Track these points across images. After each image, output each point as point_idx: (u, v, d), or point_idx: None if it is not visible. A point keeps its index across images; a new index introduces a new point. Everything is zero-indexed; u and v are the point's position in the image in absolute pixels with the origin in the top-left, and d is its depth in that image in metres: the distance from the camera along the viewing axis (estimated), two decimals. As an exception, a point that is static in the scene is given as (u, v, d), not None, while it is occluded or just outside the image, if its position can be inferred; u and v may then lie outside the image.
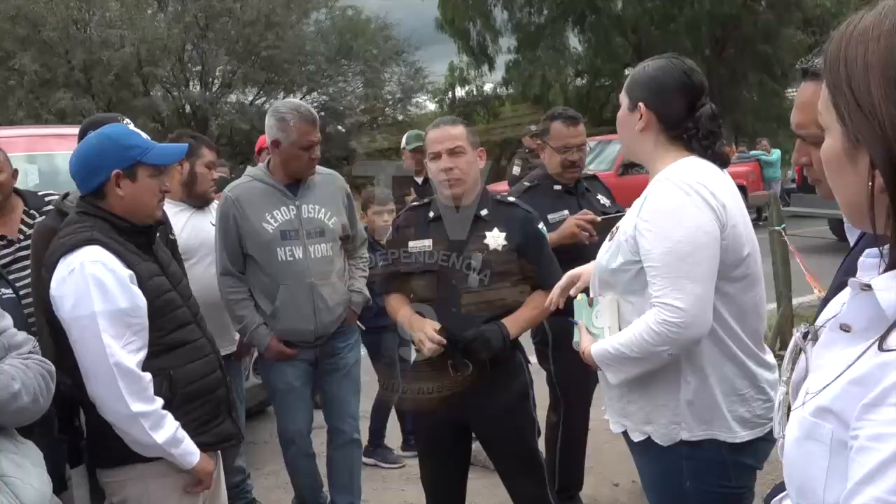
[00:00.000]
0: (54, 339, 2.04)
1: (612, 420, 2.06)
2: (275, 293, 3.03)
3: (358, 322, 3.37)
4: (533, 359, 2.89)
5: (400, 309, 2.72)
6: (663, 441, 1.90)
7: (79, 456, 2.26)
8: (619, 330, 1.93)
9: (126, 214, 2.16)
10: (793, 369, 0.96)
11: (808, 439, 0.82)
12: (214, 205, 3.30)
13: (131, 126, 2.34)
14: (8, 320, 1.80)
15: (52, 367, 1.79)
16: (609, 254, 1.96)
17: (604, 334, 1.96)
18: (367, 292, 3.35)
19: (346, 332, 3.24)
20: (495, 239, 2.61)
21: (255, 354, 3.57)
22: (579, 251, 2.89)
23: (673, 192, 1.83)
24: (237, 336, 3.27)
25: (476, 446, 2.87)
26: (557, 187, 3.35)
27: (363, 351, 3.66)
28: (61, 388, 1.93)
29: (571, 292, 2.17)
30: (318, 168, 3.24)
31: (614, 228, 1.99)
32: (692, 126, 1.93)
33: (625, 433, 2.02)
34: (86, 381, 2.01)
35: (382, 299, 2.96)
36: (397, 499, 3.88)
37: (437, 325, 2.53)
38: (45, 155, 4.77)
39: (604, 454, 4.12)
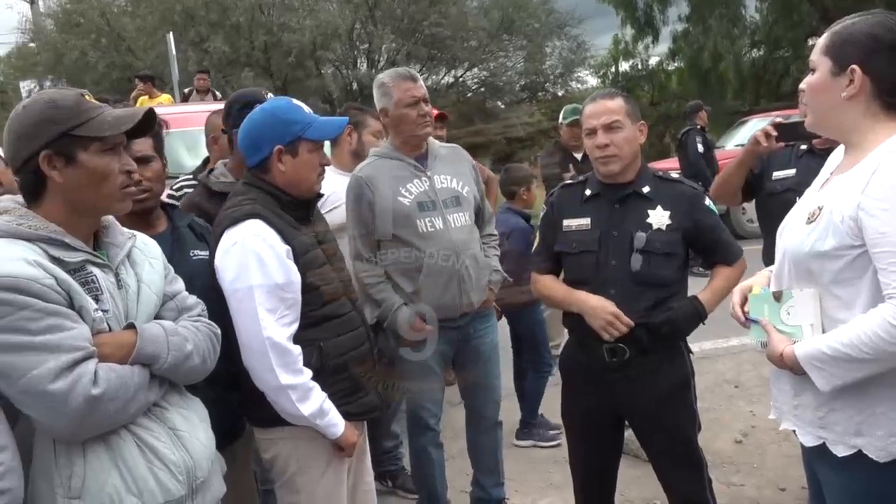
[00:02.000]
0: (219, 306, 2.12)
1: (801, 432, 1.79)
2: (415, 270, 2.94)
3: (494, 304, 3.29)
4: (696, 346, 2.71)
5: (559, 290, 2.60)
6: (881, 456, 1.63)
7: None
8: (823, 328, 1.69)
9: (287, 188, 2.22)
10: None
11: None
12: None
13: (288, 101, 2.37)
14: (180, 284, 1.88)
15: (218, 331, 1.87)
16: (814, 236, 1.69)
17: (802, 333, 1.72)
18: (501, 270, 3.27)
19: (485, 314, 3.17)
20: (659, 218, 2.46)
21: None
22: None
23: None
24: None
25: (629, 434, 2.75)
26: None
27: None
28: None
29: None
30: (439, 143, 3.21)
31: (815, 208, 1.72)
32: None
33: (821, 446, 1.75)
34: (241, 349, 2.09)
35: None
36: (543, 480, 3.82)
37: (614, 306, 2.42)
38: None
39: (769, 455, 3.85)
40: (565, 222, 2.59)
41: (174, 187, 3.22)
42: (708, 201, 2.57)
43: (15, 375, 1.47)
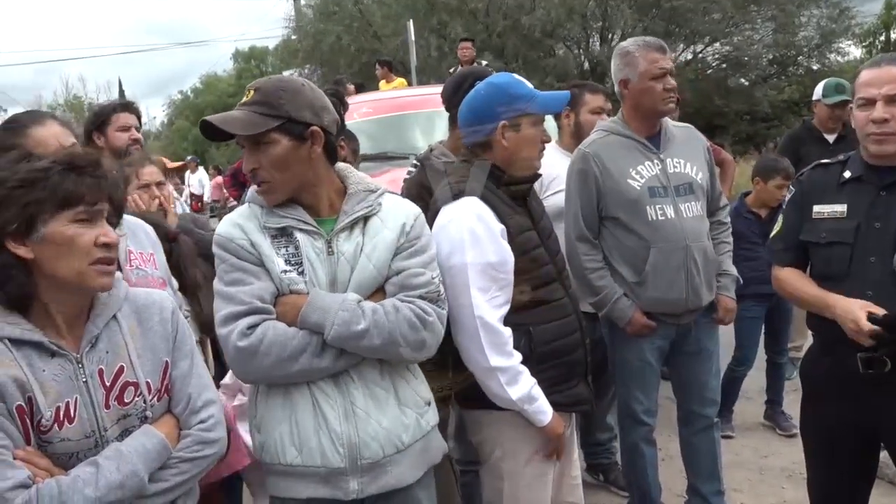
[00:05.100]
0: None
1: None
2: (640, 259, 2.78)
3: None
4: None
5: (808, 288, 2.26)
6: None
7: None
8: None
9: (506, 166, 2.17)
10: None
11: None
12: None
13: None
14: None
15: (429, 315, 1.79)
16: None
17: None
18: (735, 272, 3.01)
19: (708, 309, 2.93)
20: None
21: None
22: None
23: None
24: None
25: (884, 456, 2.37)
26: None
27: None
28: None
29: None
30: (672, 122, 2.98)
31: None
32: None
33: None
34: (452, 328, 2.05)
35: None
36: (775, 496, 3.49)
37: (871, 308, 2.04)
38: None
39: None
40: (816, 208, 2.26)
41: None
42: None
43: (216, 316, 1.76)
